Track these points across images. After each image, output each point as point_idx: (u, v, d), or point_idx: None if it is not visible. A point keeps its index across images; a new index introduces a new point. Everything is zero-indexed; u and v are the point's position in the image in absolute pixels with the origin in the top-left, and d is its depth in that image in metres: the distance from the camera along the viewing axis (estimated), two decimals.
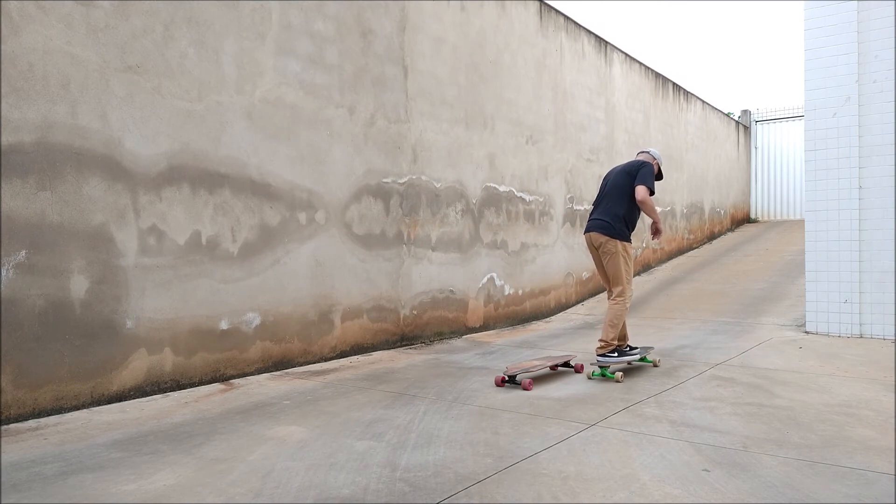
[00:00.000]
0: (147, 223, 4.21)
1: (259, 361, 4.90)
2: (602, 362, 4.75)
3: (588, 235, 5.02)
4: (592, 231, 4.96)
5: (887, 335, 6.17)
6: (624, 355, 4.87)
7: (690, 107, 13.10)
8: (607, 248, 4.86)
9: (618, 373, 4.70)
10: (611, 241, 4.85)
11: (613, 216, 4.88)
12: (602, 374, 4.73)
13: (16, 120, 3.60)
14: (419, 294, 6.41)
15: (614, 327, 4.79)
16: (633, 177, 4.88)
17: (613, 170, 5.14)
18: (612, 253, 4.86)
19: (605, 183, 5.08)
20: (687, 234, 12.94)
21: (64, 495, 2.57)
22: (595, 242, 4.94)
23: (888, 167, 6.21)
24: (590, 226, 5.01)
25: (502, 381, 4.49)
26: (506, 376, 4.48)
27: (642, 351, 5.06)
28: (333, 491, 2.60)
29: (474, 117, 7.13)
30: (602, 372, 4.73)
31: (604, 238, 4.87)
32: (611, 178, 5.06)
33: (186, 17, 4.42)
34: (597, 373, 4.75)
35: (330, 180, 5.47)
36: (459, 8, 6.93)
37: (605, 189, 5.04)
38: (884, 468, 2.82)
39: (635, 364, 5.12)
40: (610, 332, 4.78)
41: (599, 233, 4.90)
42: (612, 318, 4.81)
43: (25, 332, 3.62)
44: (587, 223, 5.08)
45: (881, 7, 6.28)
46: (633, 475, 2.75)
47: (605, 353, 4.77)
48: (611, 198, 4.94)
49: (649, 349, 5.20)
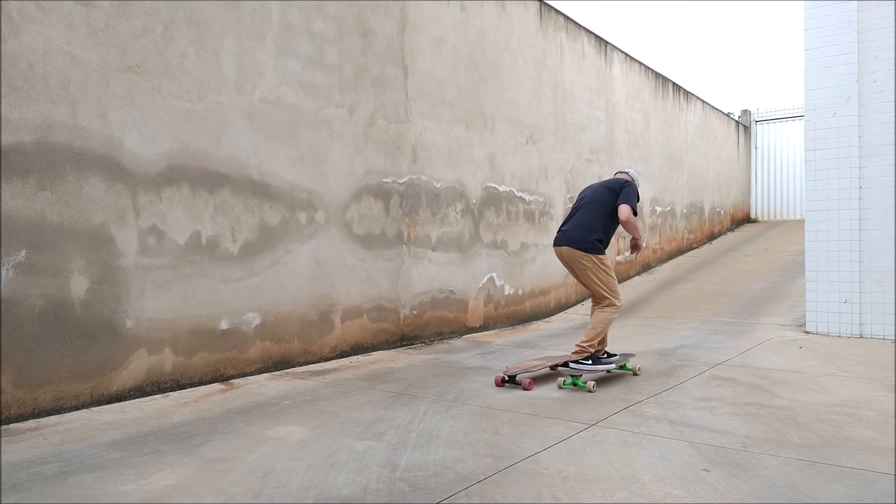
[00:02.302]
0: (147, 223, 4.21)
1: (259, 361, 4.90)
2: (576, 370, 4.54)
3: (559, 249, 4.79)
4: (563, 245, 4.74)
5: (887, 335, 6.17)
6: (599, 363, 4.61)
7: (690, 107, 13.10)
8: (582, 263, 4.66)
9: (590, 382, 4.36)
10: (584, 255, 4.63)
11: (585, 228, 4.67)
12: (573, 382, 4.41)
13: (16, 120, 3.60)
14: (419, 294, 6.41)
15: (596, 334, 4.60)
16: (615, 193, 4.68)
17: (591, 186, 4.94)
18: (586, 268, 4.66)
19: (582, 196, 4.87)
20: (687, 234, 12.94)
21: (64, 495, 2.57)
22: (567, 257, 4.74)
23: (888, 167, 6.21)
24: (560, 239, 4.79)
25: (502, 381, 4.49)
26: (506, 376, 4.47)
27: (621, 358, 4.81)
28: (333, 491, 2.60)
29: (474, 117, 7.13)
30: (574, 381, 4.41)
31: (576, 253, 4.66)
32: (589, 192, 4.84)
33: (186, 17, 4.42)
34: (567, 382, 4.43)
35: (330, 180, 5.47)
36: (459, 8, 6.93)
37: (581, 202, 4.82)
38: (884, 468, 2.82)
39: (615, 372, 4.87)
40: (590, 336, 4.61)
41: (571, 247, 4.68)
42: (595, 323, 4.65)
43: (25, 332, 3.62)
44: (556, 235, 4.86)
45: (881, 7, 6.28)
46: (633, 475, 2.75)
47: (580, 361, 4.58)
48: (588, 210, 4.73)
49: (629, 356, 4.95)
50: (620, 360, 4.76)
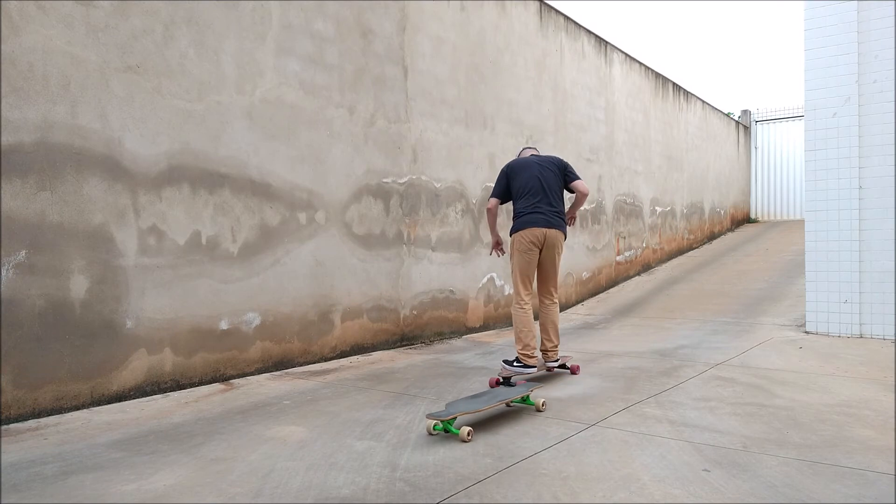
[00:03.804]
0: (147, 223, 4.21)
1: (259, 361, 4.90)
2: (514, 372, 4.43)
3: (544, 231, 4.50)
4: (554, 228, 4.54)
5: (887, 335, 6.17)
6: (528, 369, 4.46)
7: (690, 107, 13.10)
8: (559, 249, 4.62)
9: (464, 428, 3.26)
10: (563, 242, 4.65)
11: (560, 214, 4.62)
12: (445, 428, 3.30)
13: (16, 120, 3.60)
14: (419, 294, 6.40)
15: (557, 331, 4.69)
16: (563, 173, 4.66)
17: (529, 163, 4.66)
18: (558, 254, 4.65)
19: (530, 175, 4.59)
20: (687, 234, 12.94)
21: (64, 495, 2.57)
22: (549, 241, 4.54)
23: (888, 167, 6.21)
24: (546, 221, 4.51)
25: (497, 384, 4.45)
26: (500, 378, 4.45)
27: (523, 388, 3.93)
28: (333, 491, 2.60)
29: (474, 117, 7.13)
30: (445, 426, 3.29)
31: (560, 238, 4.60)
32: (536, 171, 4.61)
33: (186, 17, 4.42)
34: (438, 427, 3.30)
35: (330, 180, 5.47)
36: (459, 8, 6.93)
37: (540, 183, 4.57)
38: (884, 468, 2.82)
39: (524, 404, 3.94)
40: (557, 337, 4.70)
41: (560, 231, 4.59)
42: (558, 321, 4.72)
43: (25, 332, 3.62)
44: (537, 216, 4.51)
45: (881, 7, 6.28)
46: (633, 475, 2.75)
47: (513, 362, 4.50)
48: (554, 195, 4.60)
49: (535, 385, 3.97)
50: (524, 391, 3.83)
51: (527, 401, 3.81)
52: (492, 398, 3.65)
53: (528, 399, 3.81)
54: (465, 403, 3.51)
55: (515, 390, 3.84)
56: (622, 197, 10.32)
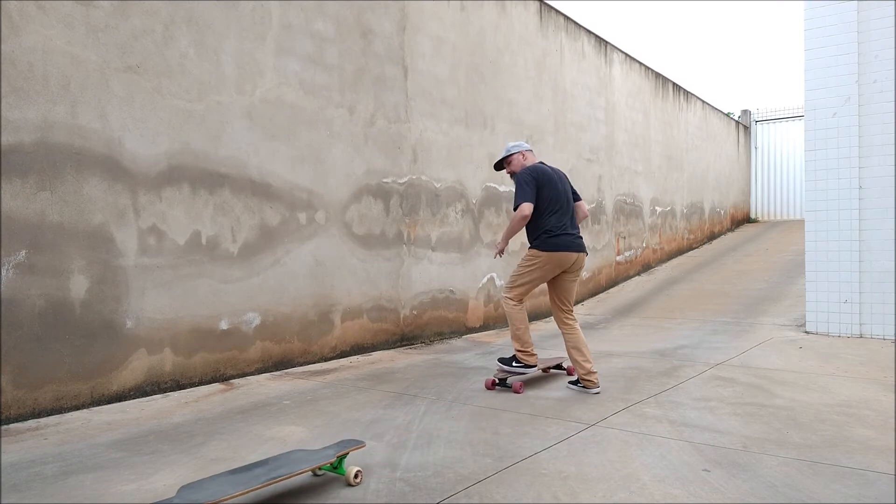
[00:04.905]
0: (147, 223, 4.21)
1: (259, 361, 4.90)
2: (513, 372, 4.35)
3: (575, 257, 4.30)
4: (582, 252, 4.35)
5: (887, 335, 6.17)
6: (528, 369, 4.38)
7: (690, 107, 13.10)
8: (581, 271, 4.46)
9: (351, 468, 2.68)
10: None
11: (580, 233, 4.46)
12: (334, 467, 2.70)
13: (16, 120, 3.60)
14: (419, 294, 6.40)
15: None
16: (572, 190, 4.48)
17: (550, 173, 4.35)
18: (579, 276, 4.48)
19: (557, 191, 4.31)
20: (687, 234, 12.94)
21: (64, 495, 2.57)
22: (579, 264, 4.35)
23: (888, 167, 6.21)
24: (579, 246, 4.33)
25: (493, 385, 4.41)
26: (496, 379, 4.42)
27: (342, 445, 2.81)
28: (333, 491, 2.60)
29: (474, 117, 7.13)
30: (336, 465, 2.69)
31: (583, 261, 4.40)
32: (560, 186, 4.35)
33: (186, 17, 4.42)
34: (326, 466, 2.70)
35: (330, 180, 5.47)
36: (459, 8, 6.93)
37: (567, 201, 4.37)
38: (884, 468, 2.82)
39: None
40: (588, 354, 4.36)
41: (585, 254, 4.40)
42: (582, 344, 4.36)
43: (25, 332, 3.62)
44: (569, 238, 4.28)
45: (881, 7, 6.28)
46: (633, 475, 2.75)
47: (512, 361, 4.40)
48: (573, 212, 4.43)
49: (356, 443, 2.83)
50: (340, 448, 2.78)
51: (338, 469, 2.70)
52: (272, 470, 2.46)
53: (340, 467, 2.69)
54: (223, 483, 2.34)
55: (316, 455, 2.65)
56: (622, 197, 10.32)
